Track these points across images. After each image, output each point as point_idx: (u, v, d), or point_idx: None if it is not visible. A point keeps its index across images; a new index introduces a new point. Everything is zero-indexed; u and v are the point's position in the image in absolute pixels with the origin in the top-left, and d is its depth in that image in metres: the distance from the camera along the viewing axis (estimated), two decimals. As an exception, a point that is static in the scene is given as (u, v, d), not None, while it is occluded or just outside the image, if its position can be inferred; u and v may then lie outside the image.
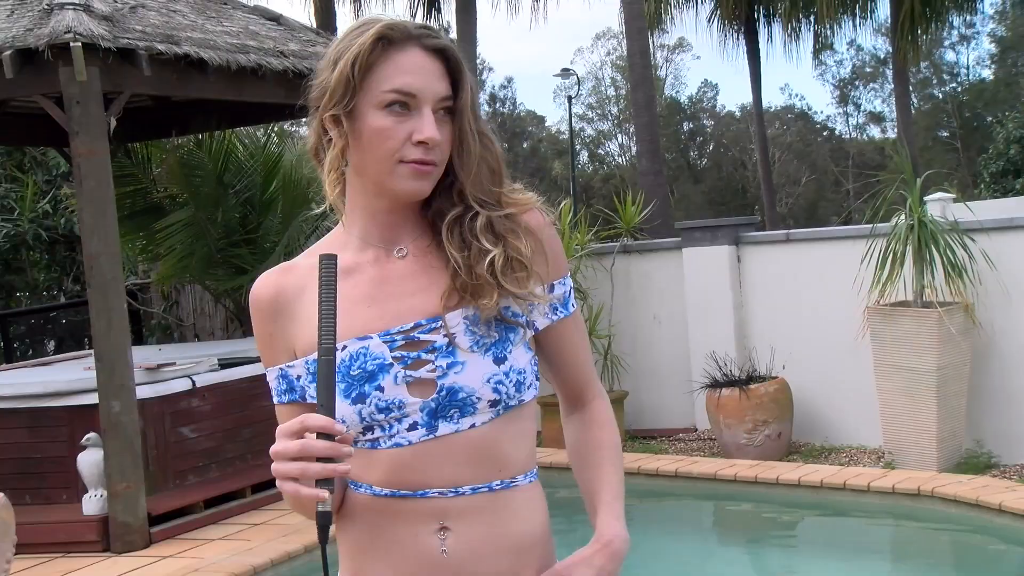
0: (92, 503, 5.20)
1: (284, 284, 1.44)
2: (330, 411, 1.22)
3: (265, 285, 1.45)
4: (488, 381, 1.34)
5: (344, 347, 1.34)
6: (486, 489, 1.35)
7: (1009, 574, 4.72)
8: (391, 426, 1.34)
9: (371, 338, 1.35)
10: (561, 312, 1.46)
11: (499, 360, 1.35)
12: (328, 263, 1.25)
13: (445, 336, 1.34)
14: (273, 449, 1.22)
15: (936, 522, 5.13)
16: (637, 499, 6.09)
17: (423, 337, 1.35)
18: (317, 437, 1.20)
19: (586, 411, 1.51)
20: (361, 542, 1.38)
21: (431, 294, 1.36)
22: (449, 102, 1.36)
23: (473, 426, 1.34)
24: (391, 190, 1.37)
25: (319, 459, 1.20)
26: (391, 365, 1.34)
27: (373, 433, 1.35)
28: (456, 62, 1.38)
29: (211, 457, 5.88)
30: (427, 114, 1.34)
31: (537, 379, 1.42)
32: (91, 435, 5.21)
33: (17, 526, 4.13)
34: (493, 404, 1.35)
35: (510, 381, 1.35)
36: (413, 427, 1.34)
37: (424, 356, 1.34)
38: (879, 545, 5.27)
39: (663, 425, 7.22)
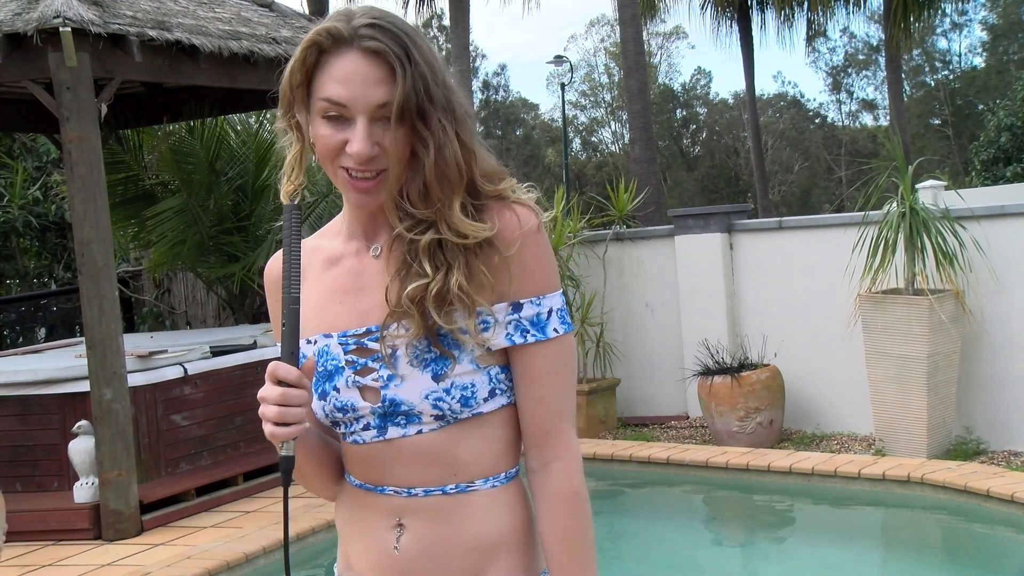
0: (83, 491, 5.19)
1: None
2: (294, 359, 1.28)
3: (271, 265, 1.51)
4: (426, 397, 1.31)
5: (315, 341, 1.38)
6: (439, 492, 1.35)
7: (996, 559, 4.76)
8: (350, 424, 1.38)
9: (332, 337, 1.38)
10: (532, 335, 1.33)
11: (438, 377, 1.30)
12: (292, 214, 1.30)
13: (387, 348, 1.33)
14: (260, 393, 1.29)
15: (925, 508, 5.16)
16: (629, 487, 6.12)
17: (370, 345, 1.35)
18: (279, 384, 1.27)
19: (545, 475, 1.35)
20: (345, 526, 1.45)
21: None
22: (391, 108, 1.28)
23: (420, 432, 1.34)
24: (343, 195, 1.38)
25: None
26: (343, 368, 1.36)
27: (339, 428, 1.40)
28: (394, 64, 1.27)
29: (203, 445, 5.88)
30: (359, 125, 1.28)
31: (506, 388, 1.35)
32: (82, 423, 5.21)
33: (8, 514, 4.11)
34: (437, 418, 1.32)
35: (452, 398, 1.31)
36: (367, 427, 1.36)
37: (371, 364, 1.35)
38: (869, 531, 5.30)
39: (655, 412, 7.24)
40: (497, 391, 1.34)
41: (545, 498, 1.35)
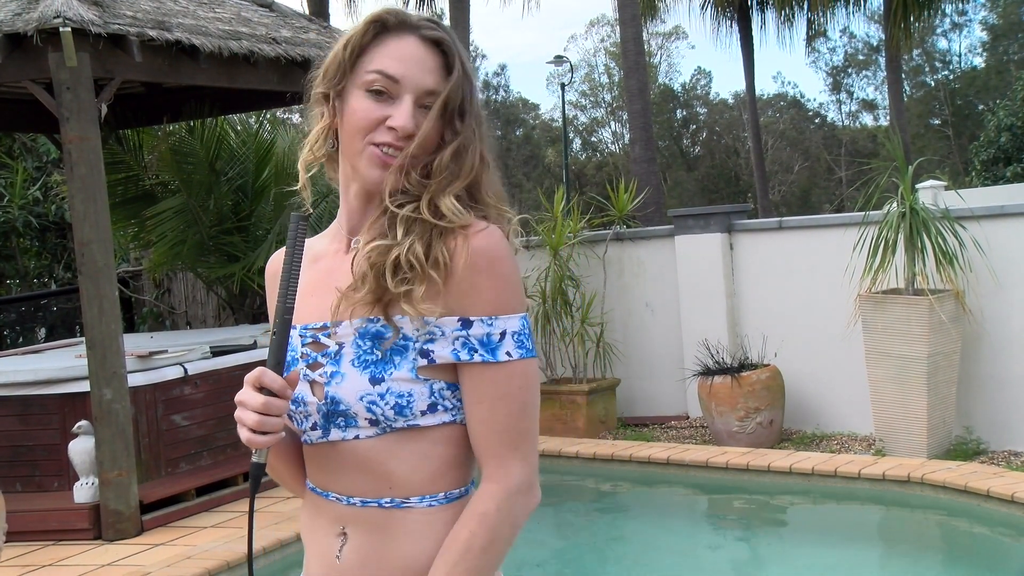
0: (84, 491, 5.19)
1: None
2: (280, 369, 1.28)
3: (271, 262, 1.54)
4: (361, 399, 1.31)
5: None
6: (375, 504, 1.34)
7: (997, 559, 4.75)
8: (301, 421, 1.38)
9: (295, 329, 1.38)
10: (480, 355, 1.29)
11: (375, 380, 1.30)
12: (299, 224, 1.30)
13: (336, 344, 1.34)
14: (238, 397, 1.28)
15: (925, 508, 5.16)
16: (629, 487, 6.12)
17: (323, 340, 1.36)
18: (261, 391, 1.27)
19: (475, 493, 1.34)
20: (303, 530, 1.45)
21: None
22: (439, 97, 1.34)
23: (357, 437, 1.34)
24: (359, 174, 1.37)
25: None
26: (297, 360, 1.37)
27: (294, 425, 1.40)
28: (451, 57, 1.35)
29: (203, 445, 5.88)
30: (406, 102, 1.33)
31: (454, 406, 1.32)
32: (82, 423, 5.20)
33: (8, 514, 4.11)
34: (372, 423, 1.32)
35: (386, 404, 1.30)
36: (314, 427, 1.37)
37: (320, 359, 1.36)
38: (869, 531, 5.30)
39: (655, 413, 7.24)
40: (439, 407, 1.32)
41: (467, 506, 1.33)
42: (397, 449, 1.32)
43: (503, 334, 1.30)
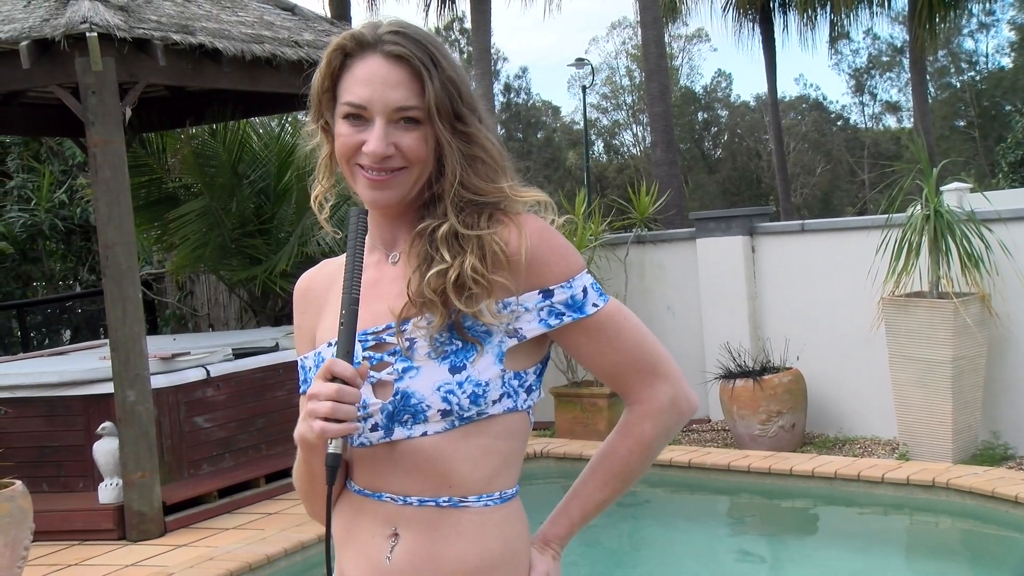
0: (108, 492, 5.24)
1: (316, 279, 1.53)
2: (349, 358, 1.29)
3: (301, 280, 1.54)
4: (438, 389, 1.33)
5: (330, 344, 1.39)
6: (432, 503, 1.35)
7: (1024, 566, 4.70)
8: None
9: None
10: (569, 316, 1.37)
11: (456, 369, 1.33)
12: (359, 217, 1.33)
13: (405, 341, 1.35)
14: (311, 390, 1.29)
15: (951, 514, 5.11)
16: (650, 490, 6.10)
17: (388, 340, 1.37)
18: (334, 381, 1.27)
19: (626, 413, 1.46)
20: (340, 533, 1.44)
21: (405, 298, 1.37)
22: (412, 111, 1.34)
23: (424, 434, 1.34)
24: (361, 196, 1.40)
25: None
26: (359, 364, 1.37)
27: None
28: (417, 69, 1.33)
29: (225, 446, 5.91)
30: (377, 126, 1.34)
31: (516, 393, 1.37)
32: (106, 424, 5.25)
33: (34, 514, 4.17)
34: (444, 414, 1.33)
35: (463, 392, 1.32)
36: (375, 428, 1.37)
37: (387, 359, 1.37)
38: (893, 537, 5.25)
39: (676, 416, 7.20)
40: (506, 396, 1.36)
41: (619, 425, 1.45)
42: (461, 445, 1.34)
43: (584, 290, 1.38)
